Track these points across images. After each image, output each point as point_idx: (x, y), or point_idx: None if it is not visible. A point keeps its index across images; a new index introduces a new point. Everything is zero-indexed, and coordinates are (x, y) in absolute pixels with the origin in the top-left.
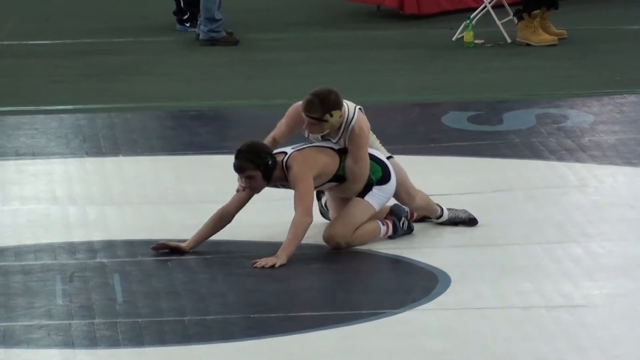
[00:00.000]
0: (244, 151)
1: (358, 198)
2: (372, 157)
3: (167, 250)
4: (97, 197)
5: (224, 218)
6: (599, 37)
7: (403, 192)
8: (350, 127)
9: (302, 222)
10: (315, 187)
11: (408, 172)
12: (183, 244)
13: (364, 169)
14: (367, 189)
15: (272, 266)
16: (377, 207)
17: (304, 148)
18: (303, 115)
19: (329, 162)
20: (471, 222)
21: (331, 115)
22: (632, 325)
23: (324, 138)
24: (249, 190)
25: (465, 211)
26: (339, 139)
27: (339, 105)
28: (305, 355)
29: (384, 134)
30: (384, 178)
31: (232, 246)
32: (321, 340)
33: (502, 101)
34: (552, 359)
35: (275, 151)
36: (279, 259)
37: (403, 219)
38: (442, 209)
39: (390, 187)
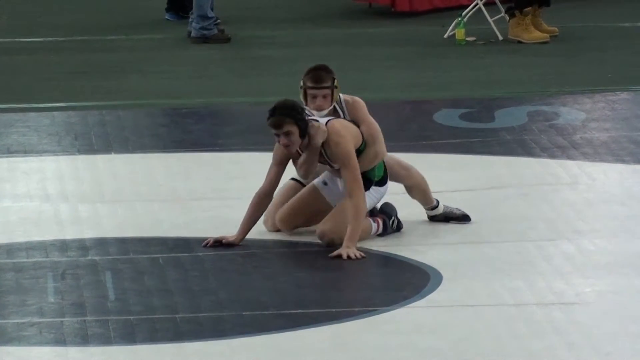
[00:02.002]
0: (279, 107)
1: (321, 195)
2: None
3: (219, 245)
4: (89, 194)
5: (263, 200)
6: (591, 35)
7: (397, 166)
8: (342, 101)
9: (361, 204)
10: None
11: None
12: (232, 237)
13: (375, 130)
14: (366, 184)
15: (352, 257)
16: (368, 206)
17: (333, 118)
18: (314, 92)
19: (358, 134)
20: (464, 218)
21: (336, 83)
22: (624, 322)
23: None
24: (285, 148)
25: (459, 209)
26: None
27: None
28: (298, 352)
29: None
30: (384, 180)
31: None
32: (313, 338)
33: (494, 98)
34: (544, 356)
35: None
36: (351, 249)
37: (393, 217)
38: (437, 201)
39: (384, 189)
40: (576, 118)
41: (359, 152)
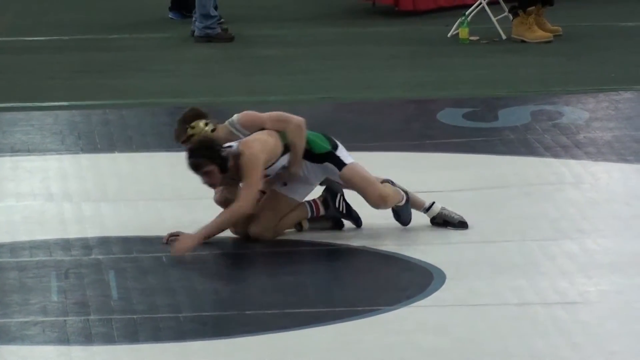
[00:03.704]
0: (194, 150)
1: (280, 194)
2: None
3: (175, 238)
4: (92, 193)
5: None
6: (594, 34)
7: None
8: (235, 123)
9: (238, 210)
10: (268, 167)
11: (403, 169)
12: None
13: (276, 116)
14: (327, 157)
15: (187, 248)
16: (300, 198)
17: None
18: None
19: (272, 142)
20: (461, 225)
21: (208, 130)
22: (627, 321)
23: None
24: (210, 187)
25: (458, 215)
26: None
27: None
28: (301, 351)
29: (380, 130)
30: (330, 154)
31: (228, 243)
32: (317, 337)
33: (498, 98)
34: (547, 356)
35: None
36: (195, 238)
37: (339, 195)
38: (431, 202)
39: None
40: (580, 117)
41: (287, 145)
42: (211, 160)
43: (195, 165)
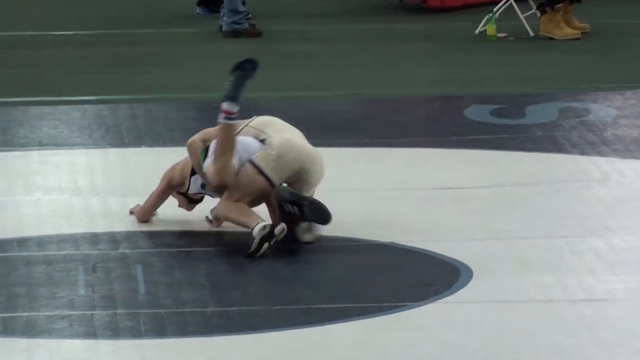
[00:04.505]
0: None
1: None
2: None
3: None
4: (119, 187)
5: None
6: (622, 31)
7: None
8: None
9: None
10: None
11: (430, 166)
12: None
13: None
14: None
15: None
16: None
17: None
18: None
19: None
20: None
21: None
22: None
23: None
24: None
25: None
26: None
27: None
28: (327, 347)
29: (406, 127)
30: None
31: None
32: (342, 333)
33: (525, 95)
34: (574, 353)
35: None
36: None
37: (288, 203)
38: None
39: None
40: (607, 115)
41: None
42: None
43: None
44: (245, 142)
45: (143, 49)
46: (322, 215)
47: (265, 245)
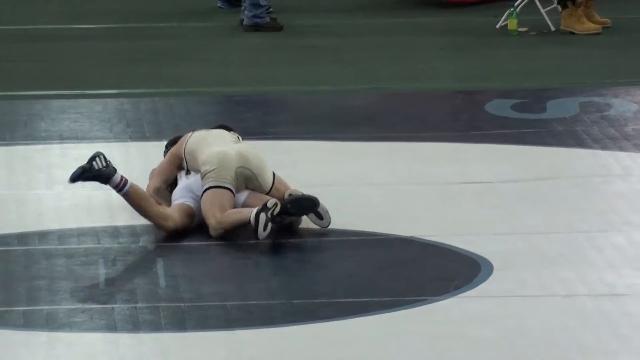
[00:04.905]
0: None
1: None
2: None
3: None
4: (140, 181)
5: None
6: None
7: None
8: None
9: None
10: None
11: (451, 160)
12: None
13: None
14: None
15: None
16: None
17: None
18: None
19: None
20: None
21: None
22: None
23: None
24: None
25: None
26: None
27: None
28: (347, 341)
29: (427, 121)
30: None
31: (275, 233)
32: (363, 327)
33: (546, 89)
34: (594, 347)
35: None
36: None
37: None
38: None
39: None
40: (628, 109)
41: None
42: None
43: None
44: (193, 184)
45: (164, 43)
46: (306, 204)
47: (262, 216)
